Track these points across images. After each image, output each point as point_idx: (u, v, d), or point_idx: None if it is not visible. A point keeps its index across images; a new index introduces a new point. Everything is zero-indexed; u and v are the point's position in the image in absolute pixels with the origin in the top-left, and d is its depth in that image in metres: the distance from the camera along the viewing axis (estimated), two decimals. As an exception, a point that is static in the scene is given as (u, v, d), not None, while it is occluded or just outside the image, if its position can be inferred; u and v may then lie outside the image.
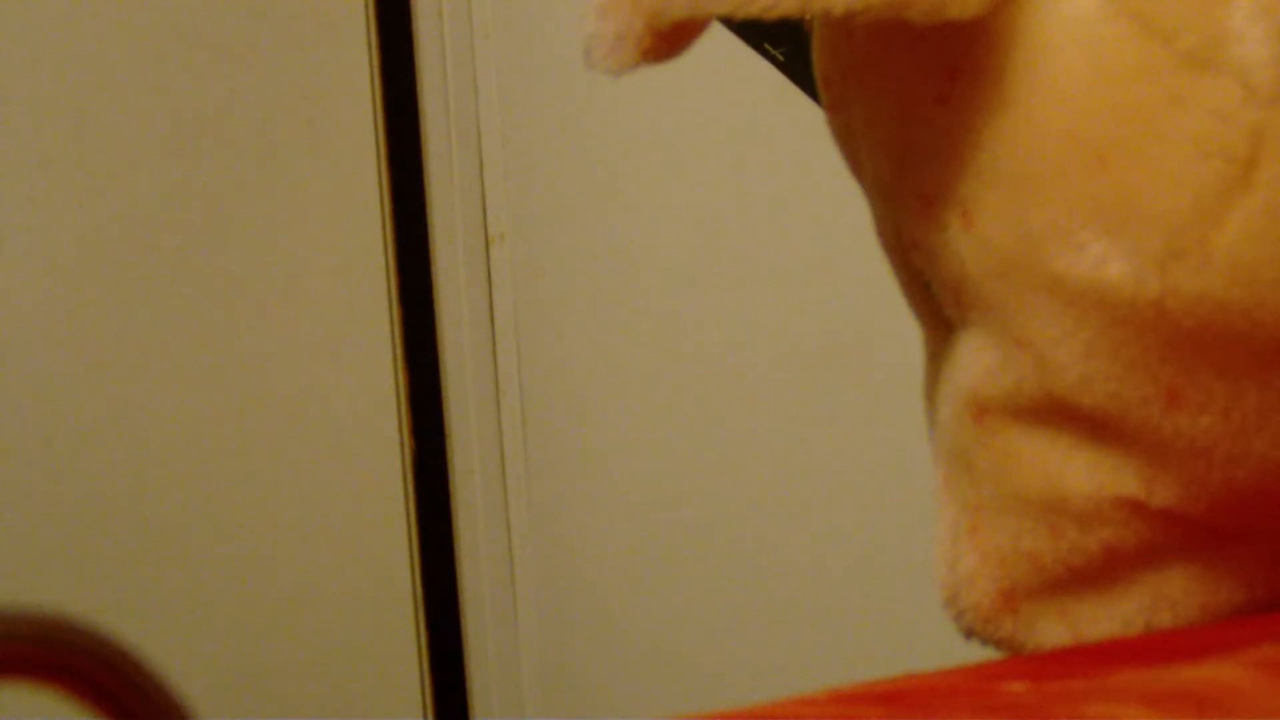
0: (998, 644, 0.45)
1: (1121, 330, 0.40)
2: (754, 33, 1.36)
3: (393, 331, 1.79)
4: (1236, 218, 0.39)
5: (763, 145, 1.50)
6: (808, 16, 0.40)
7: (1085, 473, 0.43)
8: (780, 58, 1.37)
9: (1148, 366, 0.41)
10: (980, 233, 0.42)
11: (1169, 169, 0.39)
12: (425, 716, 1.80)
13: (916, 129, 0.43)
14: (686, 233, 1.58)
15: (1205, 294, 0.39)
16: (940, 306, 0.45)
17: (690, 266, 1.58)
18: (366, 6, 1.77)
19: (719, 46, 0.41)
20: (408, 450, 1.79)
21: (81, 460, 1.67)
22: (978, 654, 0.45)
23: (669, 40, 0.41)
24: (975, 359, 0.44)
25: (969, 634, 0.46)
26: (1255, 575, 0.44)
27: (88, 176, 1.67)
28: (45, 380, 1.66)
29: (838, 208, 1.27)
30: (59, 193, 1.66)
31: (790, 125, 1.44)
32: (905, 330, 0.50)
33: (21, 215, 1.65)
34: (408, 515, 1.80)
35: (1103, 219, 0.40)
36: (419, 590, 1.80)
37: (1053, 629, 0.44)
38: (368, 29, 1.77)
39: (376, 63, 1.78)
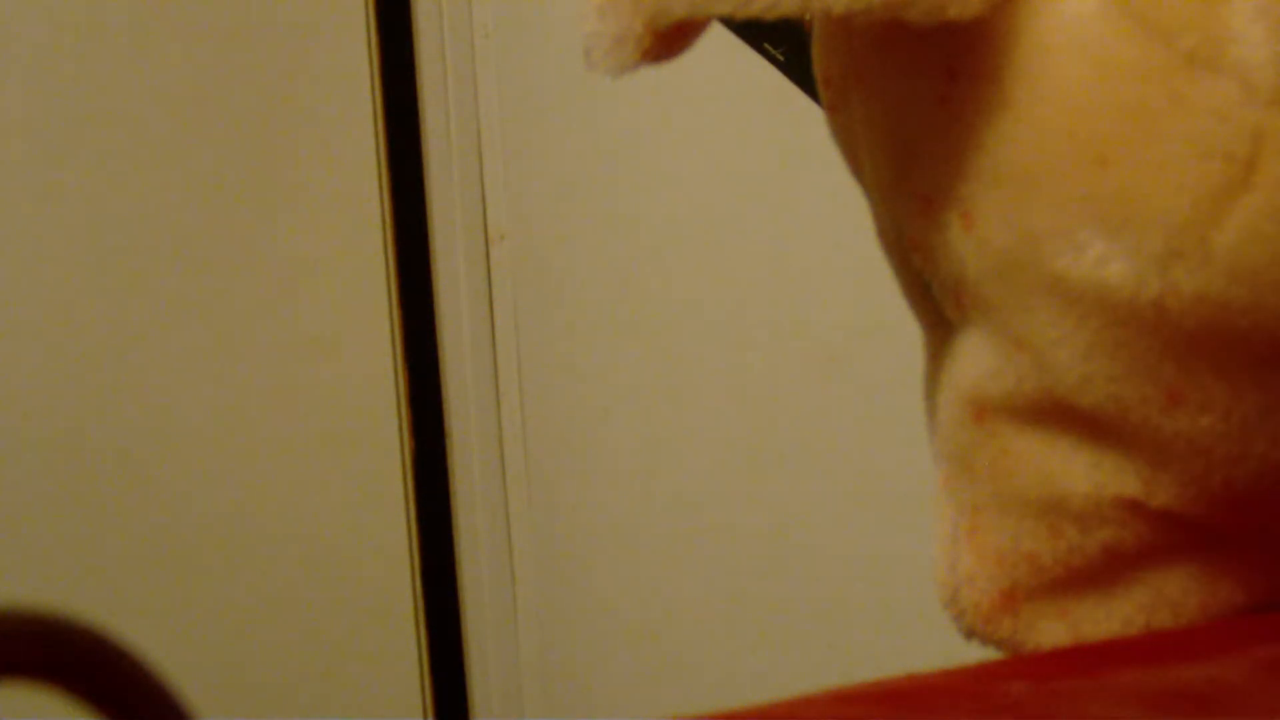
0: (998, 644, 0.45)
1: (1122, 330, 0.40)
2: (754, 33, 1.36)
3: (393, 331, 1.79)
4: (1236, 218, 0.39)
5: (763, 145, 1.50)
6: (807, 17, 0.40)
7: (1085, 473, 0.43)
8: (780, 58, 1.37)
9: (1148, 367, 0.41)
10: (980, 233, 0.42)
11: (1169, 169, 0.39)
12: (425, 716, 1.80)
13: (916, 129, 0.43)
14: (687, 233, 1.58)
15: (1205, 294, 0.39)
16: (940, 307, 0.45)
17: (691, 266, 1.58)
18: (366, 6, 1.77)
19: (719, 46, 0.41)
20: (408, 450, 1.79)
21: (80, 460, 1.67)
22: (978, 654, 0.45)
23: (669, 41, 0.41)
24: (975, 359, 0.44)
25: (969, 634, 0.46)
26: (1255, 575, 0.44)
27: (86, 176, 1.67)
28: (42, 379, 1.66)
29: (838, 207, 1.28)
30: (57, 193, 1.66)
31: (790, 125, 1.44)
32: (907, 329, 0.50)
33: (20, 214, 1.65)
34: (408, 515, 1.80)
35: (1103, 219, 0.40)
36: (419, 590, 1.80)
37: (1053, 629, 0.44)
38: (368, 29, 1.77)
39: (376, 63, 1.78)
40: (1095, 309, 0.40)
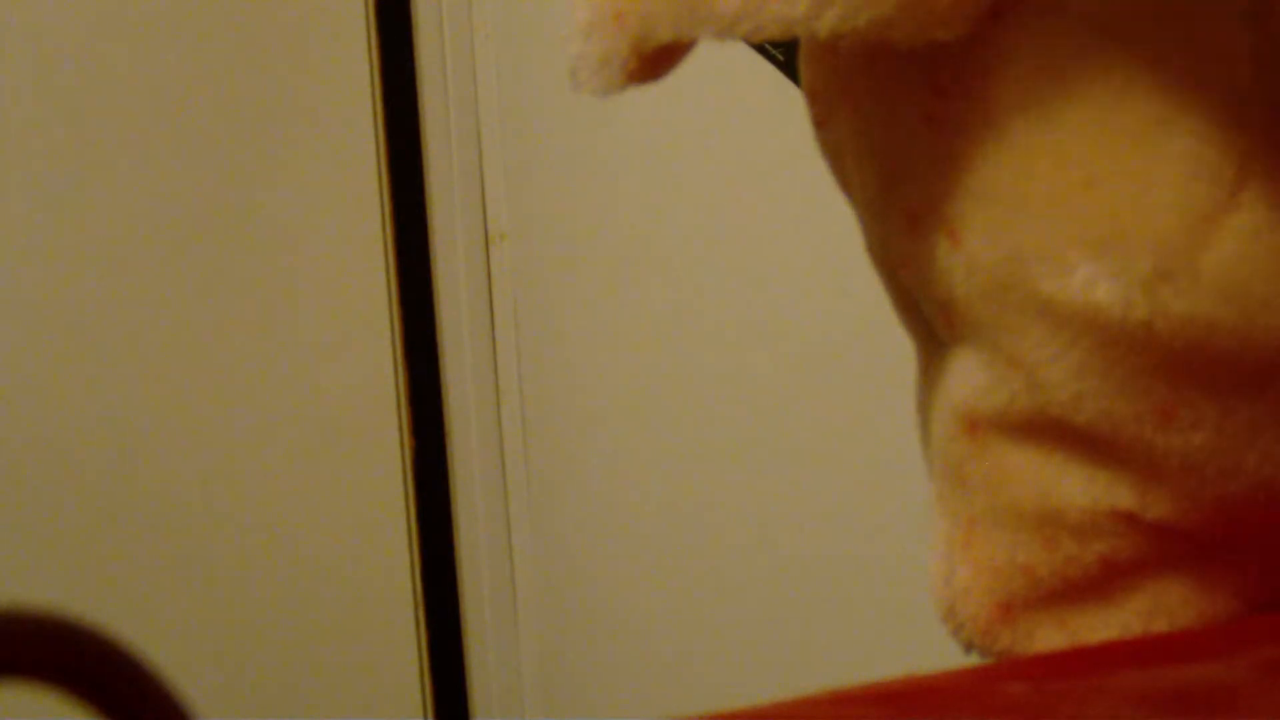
0: (997, 657, 0.45)
1: (1112, 351, 0.40)
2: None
3: (393, 331, 1.79)
4: (1223, 238, 0.39)
5: (763, 145, 1.50)
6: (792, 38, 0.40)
7: (1080, 487, 0.43)
8: (780, 58, 1.37)
9: (1139, 386, 0.41)
10: (968, 253, 0.41)
11: (1156, 190, 0.39)
12: (425, 716, 1.80)
13: (904, 147, 0.43)
14: (687, 232, 1.58)
15: (1193, 315, 0.39)
16: (930, 323, 0.45)
17: (691, 266, 1.58)
18: (366, 6, 1.77)
19: (719, 46, 0.41)
20: (408, 450, 1.79)
21: (80, 460, 1.67)
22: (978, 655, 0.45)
23: (654, 63, 0.40)
24: (966, 376, 0.43)
25: (968, 647, 0.45)
26: (1249, 585, 0.44)
27: (87, 177, 1.67)
28: (43, 379, 1.66)
29: (839, 207, 1.27)
30: (58, 193, 1.66)
31: (790, 125, 1.44)
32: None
33: (21, 215, 1.65)
34: (408, 515, 1.80)
35: (1090, 240, 0.39)
36: (419, 590, 1.80)
37: (1051, 640, 0.44)
38: (368, 29, 1.77)
39: (376, 63, 1.78)
40: (1085, 330, 0.40)
